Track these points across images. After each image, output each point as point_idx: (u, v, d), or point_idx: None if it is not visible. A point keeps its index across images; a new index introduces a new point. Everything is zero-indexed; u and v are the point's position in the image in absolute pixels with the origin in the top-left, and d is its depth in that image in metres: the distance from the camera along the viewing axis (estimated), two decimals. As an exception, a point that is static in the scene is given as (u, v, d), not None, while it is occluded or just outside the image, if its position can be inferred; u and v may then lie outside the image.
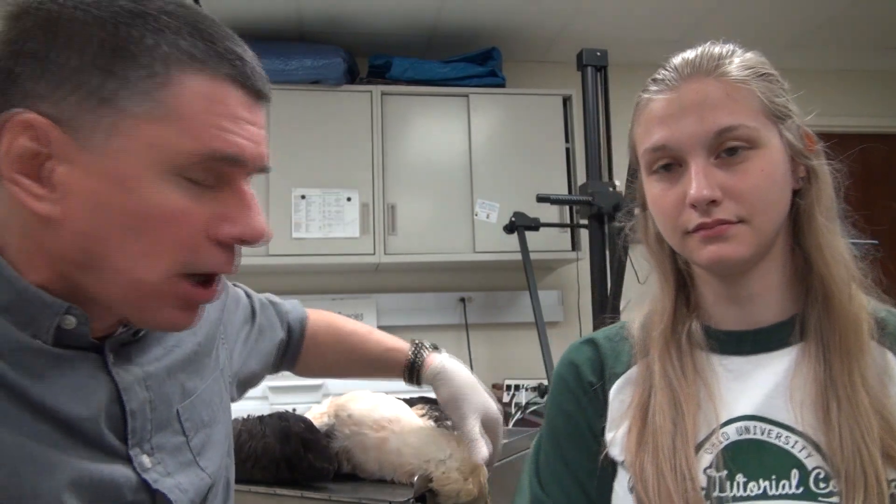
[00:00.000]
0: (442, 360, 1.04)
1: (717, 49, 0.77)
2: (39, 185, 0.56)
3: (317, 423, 1.08)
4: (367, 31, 3.06)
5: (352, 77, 3.00)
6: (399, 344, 1.07)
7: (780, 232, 0.76)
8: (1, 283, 0.58)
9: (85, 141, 0.56)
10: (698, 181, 0.71)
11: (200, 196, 0.60)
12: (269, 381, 1.17)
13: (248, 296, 0.99)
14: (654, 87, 0.78)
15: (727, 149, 0.72)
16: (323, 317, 1.08)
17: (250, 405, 1.13)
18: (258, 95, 0.62)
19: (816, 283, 0.75)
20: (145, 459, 0.65)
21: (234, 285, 0.97)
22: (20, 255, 0.60)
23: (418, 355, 1.05)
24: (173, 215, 0.58)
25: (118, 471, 0.62)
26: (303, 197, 2.81)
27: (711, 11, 2.98)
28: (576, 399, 0.84)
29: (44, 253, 0.59)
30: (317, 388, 2.40)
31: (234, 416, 1.07)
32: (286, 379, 1.27)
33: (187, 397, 0.73)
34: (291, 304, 1.06)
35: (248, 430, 1.04)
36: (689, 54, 0.77)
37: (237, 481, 1.01)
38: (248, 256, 2.73)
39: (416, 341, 1.07)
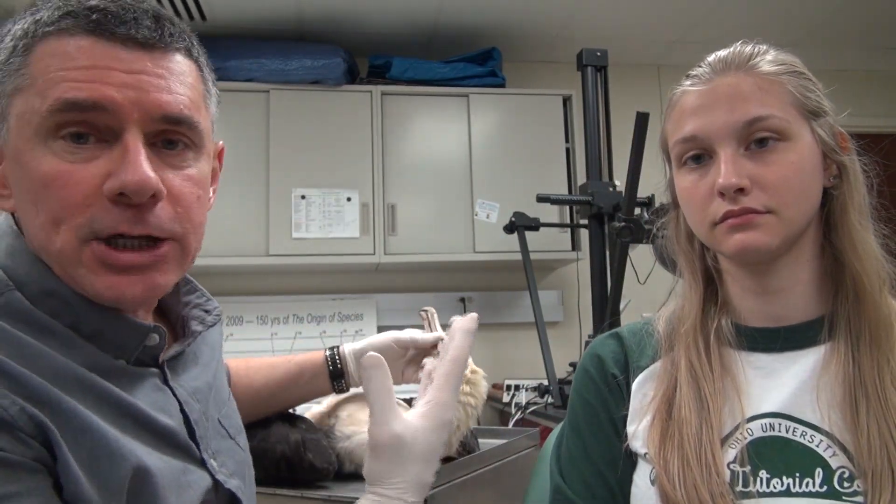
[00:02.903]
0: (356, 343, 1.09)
1: (749, 47, 0.78)
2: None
3: (317, 423, 1.08)
4: (367, 31, 3.06)
5: (352, 77, 3.00)
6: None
7: (810, 227, 0.77)
8: (89, 313, 0.62)
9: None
10: (727, 169, 0.72)
11: (90, 157, 0.60)
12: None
13: None
14: (687, 83, 0.79)
15: (757, 140, 0.73)
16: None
17: (250, 405, 1.13)
18: (138, 45, 0.62)
19: (848, 281, 0.75)
20: (214, 463, 0.70)
21: None
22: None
23: (335, 348, 1.07)
24: (54, 179, 0.58)
25: (200, 473, 0.68)
26: (303, 197, 2.81)
27: (711, 12, 2.98)
28: (598, 391, 0.85)
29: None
30: (317, 388, 2.39)
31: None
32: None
33: (223, 407, 0.78)
34: None
35: (249, 431, 1.04)
36: (722, 52, 0.79)
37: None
38: (249, 257, 2.74)
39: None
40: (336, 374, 1.06)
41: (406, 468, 0.65)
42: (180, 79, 0.64)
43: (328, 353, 1.07)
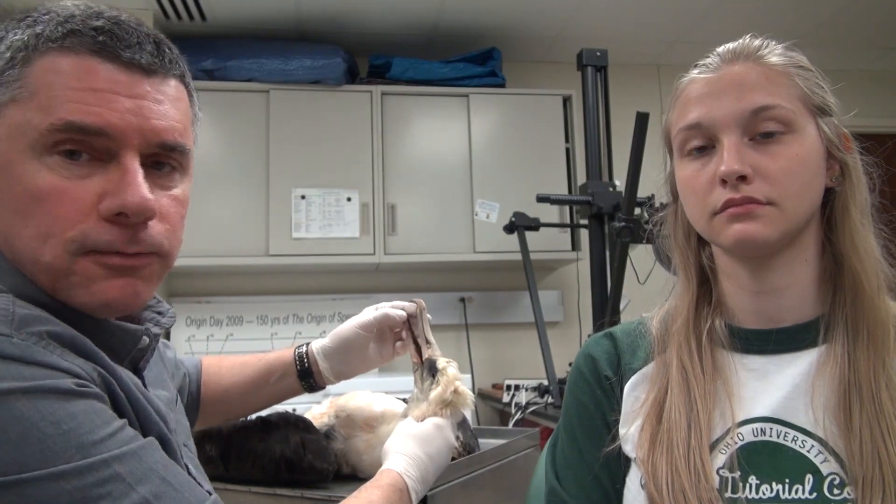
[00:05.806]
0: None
1: (758, 40, 0.78)
2: None
3: (317, 423, 1.08)
4: (367, 31, 3.06)
5: (352, 77, 3.00)
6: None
7: (810, 225, 0.76)
8: (80, 321, 0.62)
9: None
10: (730, 155, 0.72)
11: (85, 174, 0.60)
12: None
13: None
14: (694, 71, 0.79)
15: (763, 132, 0.72)
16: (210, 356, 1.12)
17: (250, 405, 1.13)
18: (140, 69, 0.63)
19: (847, 281, 0.74)
20: (189, 467, 0.71)
21: None
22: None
23: (305, 346, 1.07)
24: (49, 194, 0.59)
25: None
26: (303, 197, 2.81)
27: (710, 12, 2.98)
28: (592, 392, 0.85)
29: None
30: (317, 388, 2.39)
31: (233, 416, 1.07)
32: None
33: (174, 408, 0.79)
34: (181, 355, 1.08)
35: (248, 431, 1.04)
36: (731, 44, 0.78)
37: (237, 481, 1.01)
38: (249, 257, 2.74)
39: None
40: (305, 374, 1.06)
41: None
42: (176, 105, 0.66)
43: (297, 352, 1.07)
